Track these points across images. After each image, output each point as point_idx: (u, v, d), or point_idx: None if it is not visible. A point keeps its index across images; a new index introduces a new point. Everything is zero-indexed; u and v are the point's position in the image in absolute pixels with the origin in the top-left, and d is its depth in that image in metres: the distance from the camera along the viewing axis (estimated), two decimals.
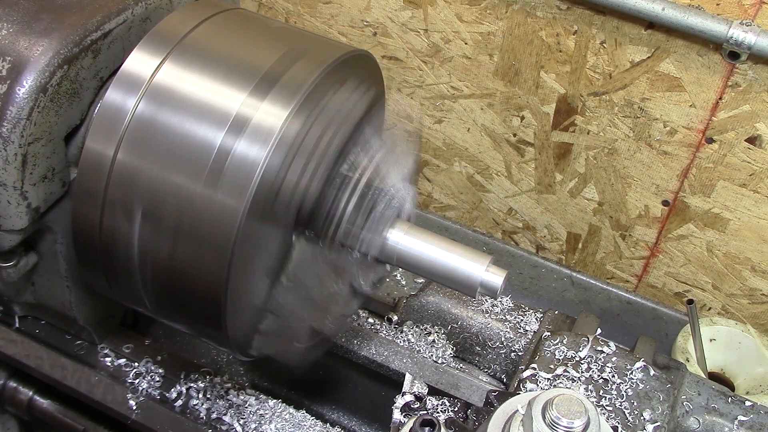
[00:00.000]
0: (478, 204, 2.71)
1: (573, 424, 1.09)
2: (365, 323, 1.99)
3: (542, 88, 2.35)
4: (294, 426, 1.74)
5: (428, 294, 2.02)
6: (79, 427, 1.88)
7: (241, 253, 1.30)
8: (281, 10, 2.62)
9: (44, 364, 1.80)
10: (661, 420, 1.60)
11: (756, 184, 2.20)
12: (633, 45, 2.15)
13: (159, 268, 1.36)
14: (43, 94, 1.39)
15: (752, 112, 2.10)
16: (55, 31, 1.42)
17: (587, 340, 1.74)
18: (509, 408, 1.20)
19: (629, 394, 1.64)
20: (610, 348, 1.73)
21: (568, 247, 2.65)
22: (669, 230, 2.42)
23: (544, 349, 1.73)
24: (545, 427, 1.09)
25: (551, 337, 1.76)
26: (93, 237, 1.38)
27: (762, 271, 2.36)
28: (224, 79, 1.34)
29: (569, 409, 1.10)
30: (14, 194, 1.43)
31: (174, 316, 1.49)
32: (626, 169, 2.37)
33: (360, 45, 2.51)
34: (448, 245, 1.49)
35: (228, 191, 1.27)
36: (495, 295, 1.46)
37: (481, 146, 2.56)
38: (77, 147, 1.50)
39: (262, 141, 1.27)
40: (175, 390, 1.77)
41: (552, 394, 1.12)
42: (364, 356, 1.89)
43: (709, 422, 1.75)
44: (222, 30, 1.44)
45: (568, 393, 1.12)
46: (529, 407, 1.13)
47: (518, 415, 1.17)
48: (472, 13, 2.32)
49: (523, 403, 1.17)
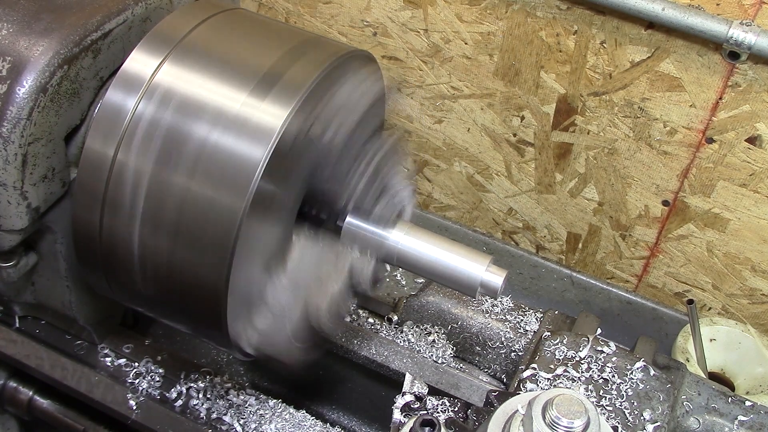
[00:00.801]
0: (478, 204, 2.71)
1: (573, 424, 1.09)
2: (365, 323, 1.99)
3: (542, 88, 2.35)
4: (294, 426, 1.74)
5: (428, 294, 2.02)
6: (79, 427, 1.88)
7: (242, 253, 1.30)
8: (281, 10, 2.62)
9: (44, 364, 1.79)
10: (661, 420, 1.60)
11: (756, 184, 2.20)
12: (633, 45, 2.15)
13: (159, 268, 1.36)
14: (43, 94, 1.39)
15: (752, 112, 2.10)
16: (55, 31, 1.42)
17: (587, 340, 1.74)
18: (509, 408, 1.20)
19: (629, 394, 1.64)
20: (610, 348, 1.73)
21: (568, 247, 2.65)
22: (669, 230, 2.42)
23: (544, 349, 1.73)
24: (545, 427, 1.10)
25: (551, 337, 1.76)
26: (93, 237, 1.38)
27: (762, 271, 2.36)
28: (224, 79, 1.34)
29: (569, 409, 1.10)
30: (14, 194, 1.43)
31: (174, 316, 1.49)
32: (626, 169, 2.37)
33: (360, 45, 2.51)
34: (449, 245, 1.49)
35: (228, 191, 1.27)
36: (495, 295, 1.46)
37: (481, 146, 2.56)
38: (77, 147, 1.50)
39: (263, 140, 1.27)
40: (175, 390, 1.77)
41: (552, 394, 1.12)
42: (364, 356, 1.89)
43: (709, 422, 1.75)
44: (222, 30, 1.44)
45: (568, 393, 1.12)
46: (529, 407, 1.13)
47: (518, 415, 1.17)
48: (472, 13, 2.32)
49: (523, 403, 1.17)
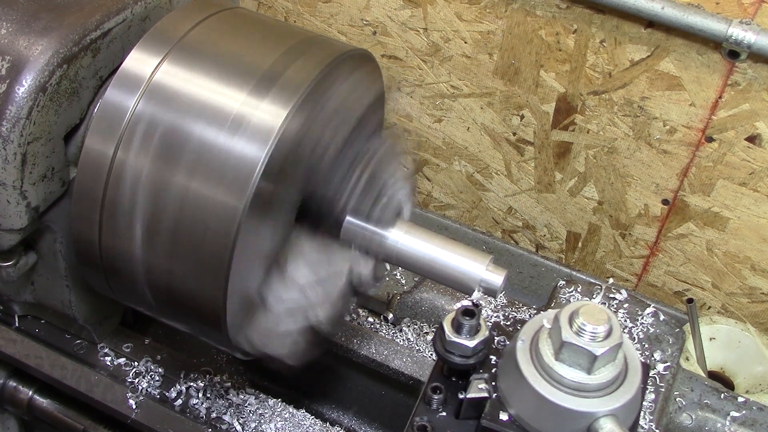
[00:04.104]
0: (478, 203, 2.71)
1: (597, 329, 1.17)
2: (365, 322, 1.99)
3: (542, 87, 2.35)
4: (294, 425, 1.74)
5: (422, 291, 2.02)
6: (79, 426, 1.88)
7: (241, 253, 1.30)
8: (281, 9, 2.62)
9: (44, 363, 1.79)
10: (671, 360, 1.68)
11: (756, 183, 2.20)
12: (633, 44, 2.15)
13: (158, 267, 1.35)
14: (42, 93, 1.39)
15: (752, 110, 2.10)
16: (54, 30, 1.42)
17: (600, 287, 1.80)
18: (536, 323, 1.27)
19: (641, 337, 1.71)
20: (622, 295, 1.80)
21: (567, 246, 2.66)
22: (669, 229, 2.42)
23: (559, 296, 1.79)
24: (573, 335, 1.18)
25: (566, 285, 1.81)
26: (92, 236, 1.38)
27: (762, 270, 2.36)
28: (224, 78, 1.34)
29: (594, 317, 1.18)
30: (14, 193, 1.43)
31: (174, 316, 1.49)
32: (626, 168, 2.37)
33: (359, 44, 2.51)
34: (448, 244, 1.49)
35: (228, 190, 1.27)
36: (495, 294, 1.46)
37: (480, 145, 2.56)
38: (77, 146, 1.50)
39: (262, 140, 1.27)
40: (175, 389, 1.77)
41: (577, 305, 1.21)
42: (363, 355, 1.89)
43: (702, 418, 1.76)
44: (221, 29, 1.44)
45: (592, 304, 1.21)
46: (556, 319, 1.21)
47: (544, 329, 1.24)
48: (472, 12, 2.32)
49: (548, 318, 1.24)
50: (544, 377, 1.21)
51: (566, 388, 1.19)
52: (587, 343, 1.17)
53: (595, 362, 1.17)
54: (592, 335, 1.17)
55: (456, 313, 1.30)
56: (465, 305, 1.31)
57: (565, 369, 1.19)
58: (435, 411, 1.32)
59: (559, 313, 1.21)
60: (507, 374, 1.27)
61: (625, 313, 1.75)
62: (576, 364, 1.19)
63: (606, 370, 1.20)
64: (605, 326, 1.18)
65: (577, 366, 1.19)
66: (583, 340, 1.17)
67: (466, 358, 1.30)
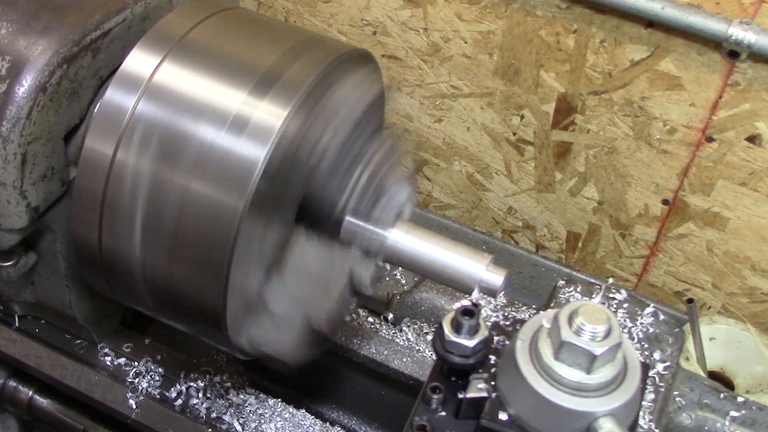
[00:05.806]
0: (478, 203, 2.71)
1: (596, 329, 1.17)
2: (365, 322, 1.99)
3: (542, 87, 2.35)
4: (294, 425, 1.74)
5: (422, 291, 2.02)
6: (79, 426, 1.88)
7: (241, 253, 1.30)
8: (281, 9, 2.62)
9: (44, 363, 1.80)
10: (670, 360, 1.68)
11: (756, 183, 2.20)
12: (633, 44, 2.15)
13: (158, 267, 1.36)
14: (42, 93, 1.39)
15: (752, 110, 2.10)
16: (54, 30, 1.42)
17: (600, 287, 1.81)
18: (535, 323, 1.27)
19: (640, 337, 1.72)
20: (621, 295, 1.80)
21: (567, 246, 2.66)
22: (669, 229, 2.42)
23: (558, 296, 1.79)
24: (572, 334, 1.18)
25: (566, 285, 1.80)
26: (92, 236, 1.38)
27: (762, 270, 2.36)
28: (224, 78, 1.34)
29: (593, 317, 1.18)
30: (14, 193, 1.43)
31: (174, 316, 1.49)
32: (626, 168, 2.37)
33: (360, 44, 2.51)
34: (448, 244, 1.49)
35: (228, 190, 1.27)
36: (495, 294, 1.46)
37: (480, 145, 2.56)
38: (77, 146, 1.50)
39: (262, 140, 1.27)
40: (175, 389, 1.77)
41: (576, 305, 1.21)
42: (363, 355, 1.89)
43: (702, 418, 1.76)
44: (221, 29, 1.44)
45: (591, 303, 1.21)
46: (555, 319, 1.21)
47: (543, 329, 1.24)
48: (472, 12, 2.32)
49: (548, 318, 1.24)
50: (543, 377, 1.21)
51: (565, 388, 1.20)
52: (586, 342, 1.17)
53: (594, 362, 1.18)
54: (592, 335, 1.17)
55: (455, 312, 1.30)
56: (464, 305, 1.32)
57: (564, 369, 1.19)
58: (434, 411, 1.32)
59: (558, 312, 1.21)
60: (506, 374, 1.27)
61: (625, 313, 1.75)
62: (575, 364, 1.19)
63: (605, 369, 1.20)
64: (604, 326, 1.18)
65: (577, 366, 1.19)
66: (583, 339, 1.17)
67: (466, 357, 1.30)
